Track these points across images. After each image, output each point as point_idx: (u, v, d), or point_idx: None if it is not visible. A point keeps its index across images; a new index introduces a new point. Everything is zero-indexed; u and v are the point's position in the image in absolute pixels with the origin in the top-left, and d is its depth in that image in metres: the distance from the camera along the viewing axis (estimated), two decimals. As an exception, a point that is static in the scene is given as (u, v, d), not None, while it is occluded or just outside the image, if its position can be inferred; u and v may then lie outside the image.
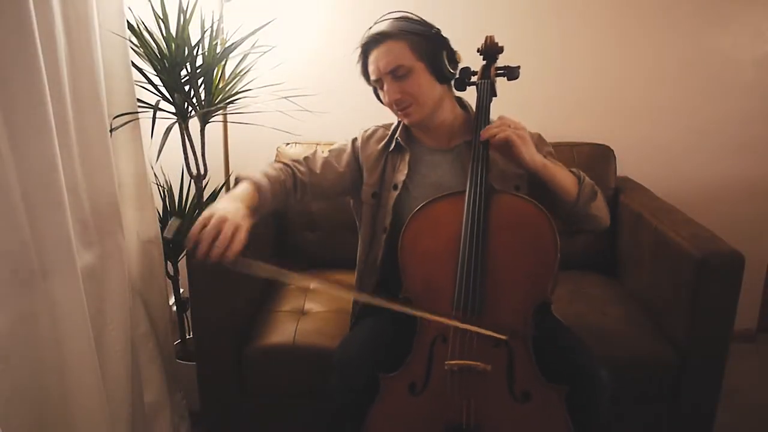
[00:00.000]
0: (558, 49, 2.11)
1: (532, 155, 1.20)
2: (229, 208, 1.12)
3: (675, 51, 2.10)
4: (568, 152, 1.98)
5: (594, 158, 1.99)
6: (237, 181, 1.30)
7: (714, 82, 2.13)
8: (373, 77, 1.35)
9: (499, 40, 1.38)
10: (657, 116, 2.17)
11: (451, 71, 1.34)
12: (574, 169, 1.33)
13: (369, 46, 1.34)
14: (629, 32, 2.09)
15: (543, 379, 1.12)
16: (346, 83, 2.09)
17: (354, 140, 1.50)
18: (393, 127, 1.49)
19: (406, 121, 1.38)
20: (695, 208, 1.85)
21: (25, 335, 1.12)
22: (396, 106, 1.33)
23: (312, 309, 1.69)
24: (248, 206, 1.19)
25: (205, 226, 1.08)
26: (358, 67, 1.40)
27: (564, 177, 1.27)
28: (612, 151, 2.01)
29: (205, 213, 1.10)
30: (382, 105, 1.45)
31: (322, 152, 1.47)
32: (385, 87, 1.32)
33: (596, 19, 2.09)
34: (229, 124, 2.04)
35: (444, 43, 1.33)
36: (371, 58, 1.34)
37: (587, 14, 2.08)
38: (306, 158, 1.44)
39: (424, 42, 1.30)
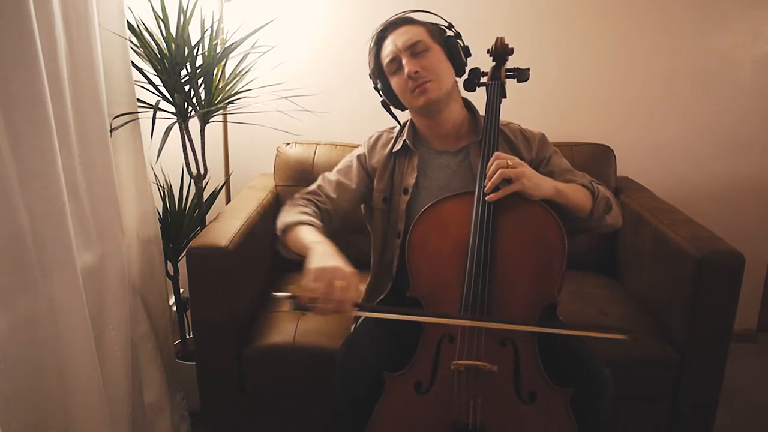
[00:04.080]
0: (558, 49, 2.11)
1: (540, 190, 1.21)
2: (332, 261, 1.11)
3: (675, 51, 2.11)
4: (568, 152, 1.98)
5: (594, 158, 1.99)
6: (286, 231, 1.29)
7: (714, 82, 2.13)
8: (389, 58, 1.34)
9: (509, 40, 1.39)
10: (657, 116, 2.17)
11: (464, 61, 1.38)
12: (587, 183, 1.33)
13: (385, 31, 1.35)
14: (629, 32, 2.09)
15: (549, 380, 1.12)
16: (346, 83, 2.11)
17: (359, 155, 1.48)
18: (398, 129, 1.48)
19: (421, 100, 1.32)
20: (695, 208, 1.85)
21: (25, 335, 1.12)
22: (413, 82, 1.31)
23: (312, 309, 1.69)
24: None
25: (313, 282, 1.07)
26: (367, 63, 1.40)
27: (576, 195, 1.28)
28: (612, 151, 2.01)
29: (310, 270, 1.08)
30: (381, 105, 1.45)
31: (332, 175, 1.46)
32: (404, 62, 1.31)
33: (596, 20, 2.09)
34: (229, 124, 2.05)
35: (457, 35, 1.38)
36: (387, 41, 1.34)
37: (587, 15, 2.08)
38: (319, 186, 1.43)
39: (439, 31, 1.37)
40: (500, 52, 1.39)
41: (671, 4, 2.06)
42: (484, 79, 1.40)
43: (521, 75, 1.39)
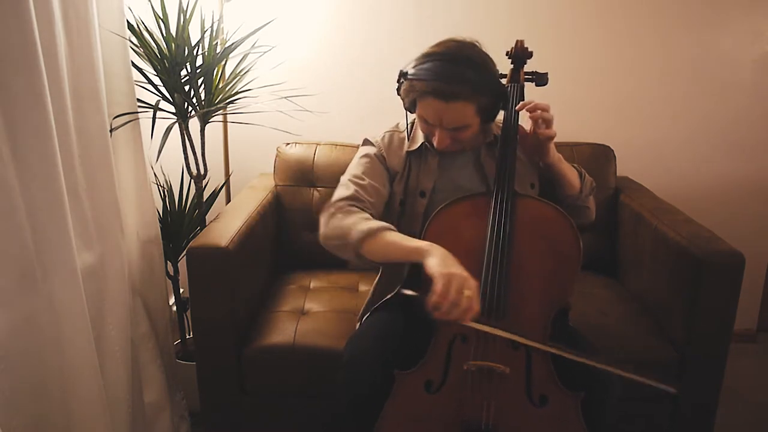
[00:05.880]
0: (558, 49, 2.11)
1: (554, 150, 1.31)
2: (460, 268, 1.07)
3: (675, 51, 2.11)
4: (568, 152, 1.98)
5: (594, 158, 1.99)
6: (366, 238, 1.20)
7: (714, 82, 2.13)
8: (426, 119, 1.29)
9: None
10: (657, 116, 2.17)
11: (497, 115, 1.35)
12: (575, 165, 1.41)
13: (435, 93, 1.23)
14: (630, 33, 2.09)
15: (560, 384, 1.12)
16: (345, 83, 2.11)
17: (376, 155, 1.41)
18: (405, 127, 1.44)
19: (440, 149, 1.34)
20: (695, 208, 1.85)
21: (25, 335, 1.12)
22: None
23: (312, 309, 1.69)
24: None
25: (446, 287, 1.03)
26: (402, 84, 1.31)
27: (572, 172, 1.36)
28: (612, 151, 2.01)
29: (441, 274, 1.04)
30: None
31: (360, 179, 1.36)
32: (437, 133, 1.29)
33: (596, 20, 2.09)
34: (229, 124, 2.05)
35: (505, 97, 1.32)
36: (431, 103, 1.25)
37: (587, 15, 2.08)
38: (357, 191, 1.32)
39: (490, 105, 1.28)
40: (519, 55, 1.39)
41: (671, 5, 2.06)
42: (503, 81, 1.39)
43: (540, 79, 1.39)
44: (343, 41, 2.10)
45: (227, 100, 1.74)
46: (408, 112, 1.38)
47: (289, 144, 2.02)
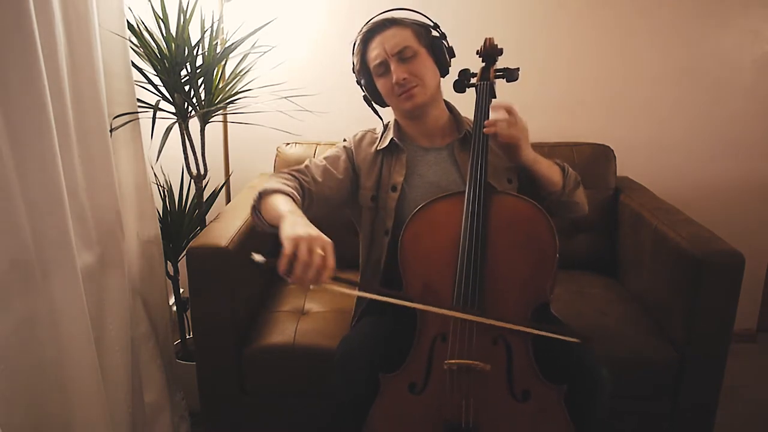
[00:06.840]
0: (558, 49, 2.11)
1: (528, 153, 1.28)
2: (309, 229, 1.06)
3: (676, 51, 2.11)
4: (568, 152, 1.98)
5: (594, 158, 1.99)
6: (262, 196, 1.25)
7: (714, 83, 2.13)
8: (376, 62, 1.35)
9: (500, 41, 1.39)
10: (657, 116, 2.17)
11: (449, 62, 1.40)
12: (558, 161, 1.39)
13: (372, 33, 1.36)
14: (629, 33, 2.09)
15: (542, 378, 1.13)
16: (346, 83, 2.10)
17: (346, 147, 1.48)
18: (380, 129, 1.49)
19: (408, 105, 1.36)
20: (695, 208, 1.85)
21: (25, 335, 1.12)
22: (400, 88, 1.33)
23: (312, 309, 1.69)
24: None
25: (293, 249, 1.02)
26: (353, 61, 1.43)
27: (551, 169, 1.34)
28: (612, 151, 2.01)
29: (288, 237, 1.03)
30: (363, 100, 1.46)
31: (319, 160, 1.44)
32: (392, 68, 1.33)
33: (596, 20, 2.09)
34: (229, 124, 2.05)
35: (442, 35, 1.39)
36: (374, 44, 1.36)
37: (587, 15, 2.08)
38: (306, 167, 1.40)
39: (425, 32, 1.37)
40: (489, 52, 1.39)
41: (671, 5, 2.06)
42: (473, 80, 1.39)
43: (510, 75, 1.38)
44: (343, 41, 2.08)
45: (227, 100, 1.74)
46: (370, 105, 1.47)
47: (289, 144, 2.02)
